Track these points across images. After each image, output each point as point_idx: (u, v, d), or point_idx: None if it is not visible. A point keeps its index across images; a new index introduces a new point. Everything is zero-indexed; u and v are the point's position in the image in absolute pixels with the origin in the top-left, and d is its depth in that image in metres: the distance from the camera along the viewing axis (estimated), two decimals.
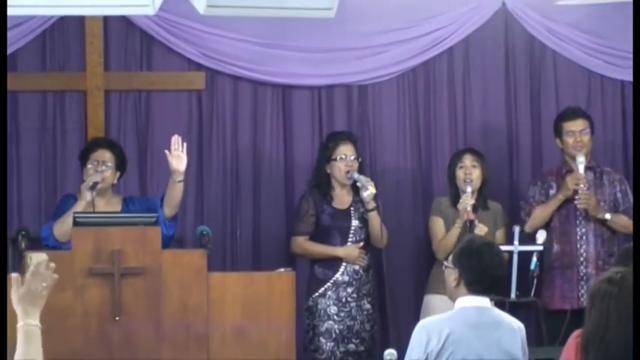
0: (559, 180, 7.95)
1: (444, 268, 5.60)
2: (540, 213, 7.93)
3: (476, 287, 5.32)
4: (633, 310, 2.76)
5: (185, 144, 7.40)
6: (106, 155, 7.52)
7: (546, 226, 7.92)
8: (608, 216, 7.86)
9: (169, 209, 7.46)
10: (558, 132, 8.01)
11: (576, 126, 7.92)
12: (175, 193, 7.42)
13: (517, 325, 5.45)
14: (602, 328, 4.26)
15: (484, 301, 5.35)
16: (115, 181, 7.60)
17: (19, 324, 4.09)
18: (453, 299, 5.42)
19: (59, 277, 6.52)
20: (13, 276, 4.14)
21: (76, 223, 7.03)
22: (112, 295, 6.86)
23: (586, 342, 4.39)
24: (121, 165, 7.58)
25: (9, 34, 7.52)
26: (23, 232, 7.16)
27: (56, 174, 8.16)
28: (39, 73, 8.16)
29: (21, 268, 6.63)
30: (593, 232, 7.97)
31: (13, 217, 7.97)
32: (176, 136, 7.44)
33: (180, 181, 7.38)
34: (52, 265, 4.16)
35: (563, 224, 7.95)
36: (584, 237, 7.97)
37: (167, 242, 7.30)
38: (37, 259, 6.47)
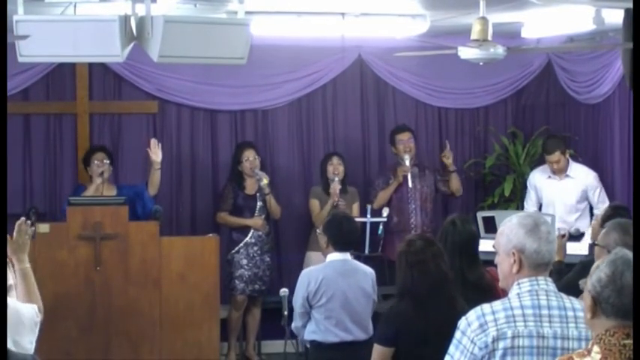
0: (395, 174, 8.22)
1: (317, 234, 5.95)
2: (383, 195, 8.17)
3: (339, 246, 5.60)
4: (633, 307, 2.60)
5: (160, 144, 7.54)
6: (103, 156, 7.70)
7: (389, 204, 8.10)
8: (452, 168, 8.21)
9: (152, 190, 7.61)
10: (393, 142, 8.28)
11: (404, 137, 8.21)
12: (155, 178, 7.58)
13: (369, 270, 5.73)
14: (409, 277, 4.58)
15: (346, 255, 5.63)
16: (110, 174, 7.75)
17: (16, 268, 4.10)
18: (325, 255, 5.70)
19: (59, 239, 6.84)
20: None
21: (70, 204, 7.23)
22: (95, 252, 7.05)
23: (401, 289, 4.65)
24: (112, 163, 7.78)
25: (24, 75, 7.83)
26: (33, 210, 7.41)
27: (56, 170, 8.22)
28: (44, 101, 8.18)
29: (34, 237, 6.94)
30: (420, 208, 8.18)
31: (26, 200, 8.04)
32: (154, 139, 7.59)
33: (157, 169, 7.55)
34: (29, 222, 4.23)
35: (399, 203, 8.20)
36: (413, 211, 8.19)
37: (150, 213, 7.44)
38: (42, 228, 6.98)
